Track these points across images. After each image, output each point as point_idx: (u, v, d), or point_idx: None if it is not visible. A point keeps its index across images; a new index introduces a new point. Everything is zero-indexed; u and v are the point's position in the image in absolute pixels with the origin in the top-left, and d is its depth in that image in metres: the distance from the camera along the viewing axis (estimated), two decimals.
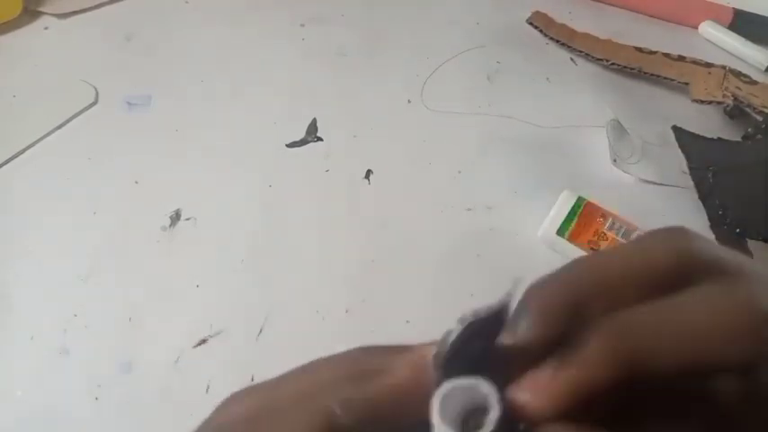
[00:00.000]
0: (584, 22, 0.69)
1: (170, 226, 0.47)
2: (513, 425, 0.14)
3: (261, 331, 0.42)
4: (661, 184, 0.53)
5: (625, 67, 0.63)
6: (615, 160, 0.53)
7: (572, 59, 0.65)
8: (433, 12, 0.70)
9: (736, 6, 0.72)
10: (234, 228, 0.47)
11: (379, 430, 0.16)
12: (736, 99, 0.58)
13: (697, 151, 0.54)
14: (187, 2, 0.68)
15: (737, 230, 0.47)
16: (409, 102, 0.58)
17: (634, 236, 0.44)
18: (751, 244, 0.48)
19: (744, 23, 0.71)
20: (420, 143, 0.55)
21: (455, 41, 0.65)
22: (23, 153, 0.51)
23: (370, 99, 0.58)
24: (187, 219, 0.47)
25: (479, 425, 0.14)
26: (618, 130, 0.55)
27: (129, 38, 0.62)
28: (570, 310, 0.15)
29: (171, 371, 0.39)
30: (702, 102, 0.59)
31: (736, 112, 0.59)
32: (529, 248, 0.48)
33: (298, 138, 0.54)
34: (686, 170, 0.53)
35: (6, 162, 0.50)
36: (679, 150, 0.55)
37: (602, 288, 0.15)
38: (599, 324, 0.14)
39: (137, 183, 0.50)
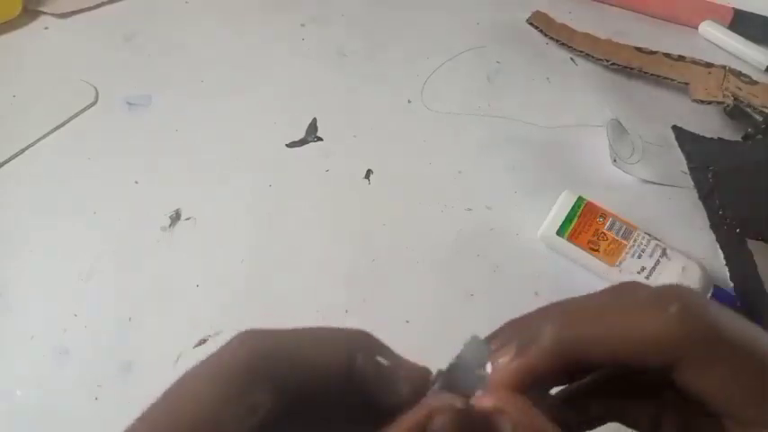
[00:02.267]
0: (584, 22, 0.69)
1: (170, 226, 0.47)
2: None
3: None
4: (661, 184, 0.53)
5: (625, 67, 0.63)
6: (615, 160, 0.53)
7: (572, 59, 0.65)
8: (433, 12, 0.70)
9: (736, 6, 0.72)
10: (234, 228, 0.47)
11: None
12: (736, 99, 0.58)
13: (697, 151, 0.54)
14: (187, 2, 0.68)
15: (737, 230, 0.47)
16: (409, 102, 0.58)
17: (633, 236, 0.44)
18: (751, 244, 0.48)
19: (744, 23, 0.71)
20: (420, 143, 0.55)
21: (455, 41, 0.65)
22: (23, 153, 0.51)
23: (370, 99, 0.58)
24: (187, 219, 0.47)
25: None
26: (618, 129, 0.55)
27: (129, 38, 0.62)
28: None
29: (171, 371, 0.39)
30: (702, 102, 0.59)
31: (736, 112, 0.59)
32: (529, 248, 0.48)
33: (298, 138, 0.54)
34: (686, 170, 0.53)
35: (6, 162, 0.50)
36: (679, 150, 0.55)
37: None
38: (552, 315, 0.19)
39: (137, 183, 0.50)
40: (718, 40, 0.70)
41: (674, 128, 0.57)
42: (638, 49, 0.66)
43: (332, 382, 0.18)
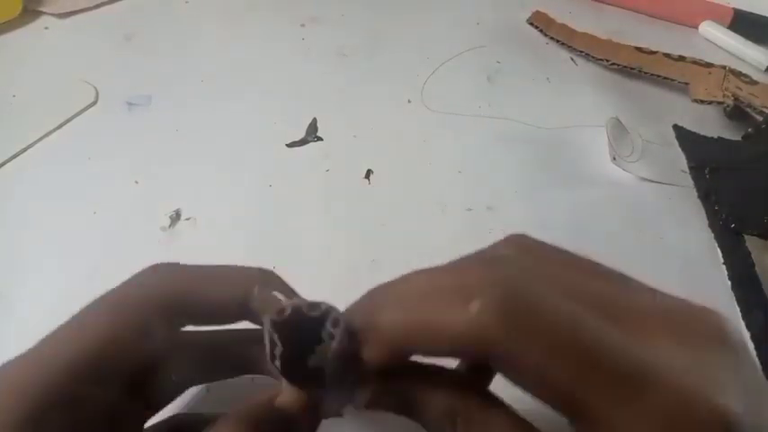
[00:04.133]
0: (584, 21, 0.69)
1: (170, 226, 0.47)
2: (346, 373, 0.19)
3: None
4: (660, 183, 0.53)
5: (625, 67, 0.63)
6: (615, 158, 0.53)
7: (572, 59, 0.65)
8: (432, 12, 0.70)
9: (736, 6, 0.72)
10: (234, 228, 0.47)
11: None
12: (736, 99, 0.58)
13: (698, 150, 0.54)
14: (187, 2, 0.68)
15: (732, 225, 0.47)
16: (409, 102, 0.58)
17: None
18: (749, 244, 0.48)
19: (744, 23, 0.71)
20: (420, 143, 0.55)
21: (455, 41, 0.65)
22: (23, 153, 0.51)
23: (370, 99, 0.58)
24: (187, 219, 0.47)
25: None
26: (618, 128, 0.55)
27: (129, 38, 0.62)
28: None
29: None
30: (702, 102, 0.59)
31: (737, 113, 0.59)
32: None
33: (298, 138, 0.54)
34: (686, 169, 0.53)
35: (6, 162, 0.50)
36: (679, 149, 0.55)
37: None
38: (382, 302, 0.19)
39: (137, 183, 0.50)
40: (718, 40, 0.70)
41: (675, 127, 0.57)
42: (638, 49, 0.66)
43: (229, 315, 0.21)
